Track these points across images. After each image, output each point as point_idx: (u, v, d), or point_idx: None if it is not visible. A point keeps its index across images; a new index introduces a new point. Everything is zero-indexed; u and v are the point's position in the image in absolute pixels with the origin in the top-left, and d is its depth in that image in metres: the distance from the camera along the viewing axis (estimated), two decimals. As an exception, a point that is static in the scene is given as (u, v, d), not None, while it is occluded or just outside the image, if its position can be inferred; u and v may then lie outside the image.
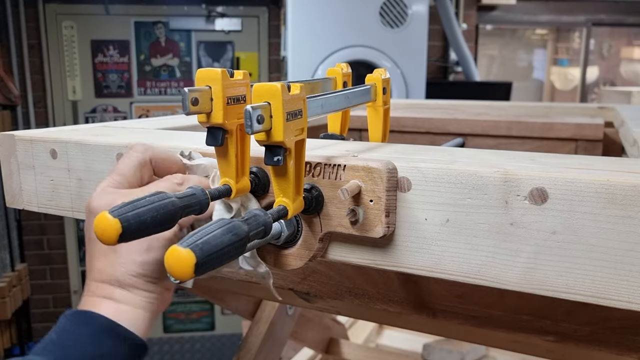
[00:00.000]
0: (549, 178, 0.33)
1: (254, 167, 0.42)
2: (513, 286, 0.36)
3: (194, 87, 0.37)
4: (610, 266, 0.33)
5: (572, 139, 0.85)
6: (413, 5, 2.16)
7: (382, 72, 0.53)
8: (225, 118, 0.38)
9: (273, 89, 0.34)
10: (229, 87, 0.38)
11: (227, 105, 0.38)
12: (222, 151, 0.40)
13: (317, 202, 0.40)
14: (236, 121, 0.39)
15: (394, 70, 2.17)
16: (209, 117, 0.38)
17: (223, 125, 0.38)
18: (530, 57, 4.40)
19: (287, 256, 0.42)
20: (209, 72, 0.38)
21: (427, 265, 0.38)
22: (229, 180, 0.40)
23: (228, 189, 0.40)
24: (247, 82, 0.40)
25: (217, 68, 0.38)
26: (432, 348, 1.40)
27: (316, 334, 1.36)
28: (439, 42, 3.00)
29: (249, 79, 0.40)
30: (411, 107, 1.20)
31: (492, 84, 2.89)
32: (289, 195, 0.37)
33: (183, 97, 0.36)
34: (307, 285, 0.58)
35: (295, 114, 0.36)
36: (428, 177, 0.37)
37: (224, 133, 0.39)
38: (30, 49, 2.90)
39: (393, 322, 0.69)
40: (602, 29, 4.05)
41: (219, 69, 0.38)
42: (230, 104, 0.38)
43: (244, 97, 0.39)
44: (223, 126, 0.38)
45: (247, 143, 0.41)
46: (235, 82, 0.39)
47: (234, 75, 0.39)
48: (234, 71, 0.39)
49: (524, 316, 0.49)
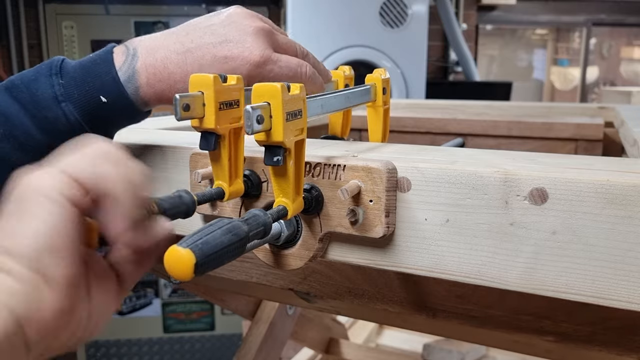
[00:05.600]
0: (549, 178, 0.33)
1: (247, 170, 0.43)
2: (513, 286, 0.36)
3: (186, 93, 0.37)
4: (610, 266, 0.33)
5: (572, 139, 0.85)
6: (413, 5, 2.16)
7: (382, 72, 0.53)
8: (218, 123, 0.38)
9: (273, 89, 0.34)
10: (222, 92, 0.38)
11: (219, 110, 0.38)
12: (215, 155, 0.40)
13: (316, 202, 0.40)
14: (229, 126, 0.39)
15: (394, 70, 2.17)
16: (201, 122, 0.38)
17: (215, 130, 0.39)
18: (530, 57, 4.40)
19: (287, 256, 0.42)
20: (201, 77, 0.38)
21: (427, 265, 0.38)
22: (222, 183, 0.40)
23: (221, 191, 0.40)
24: (241, 86, 0.40)
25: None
26: (432, 348, 1.40)
27: (316, 334, 1.36)
28: (439, 42, 3.00)
29: (242, 84, 0.40)
30: (411, 107, 1.20)
31: (492, 84, 2.89)
32: (288, 196, 0.37)
33: (175, 103, 0.36)
34: (307, 285, 0.58)
35: (295, 114, 0.36)
36: (428, 177, 0.37)
37: (217, 138, 0.39)
38: (30, 49, 2.90)
39: (393, 322, 0.69)
40: (602, 29, 4.05)
41: (212, 74, 0.38)
42: (222, 108, 0.38)
43: (237, 101, 0.40)
44: (215, 131, 0.39)
45: (240, 147, 0.41)
46: (229, 87, 0.39)
47: (227, 79, 0.39)
48: (227, 76, 0.39)
49: (524, 316, 0.49)
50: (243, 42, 0.44)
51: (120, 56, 0.44)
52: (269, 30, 0.46)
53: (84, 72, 0.44)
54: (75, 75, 0.44)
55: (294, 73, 0.47)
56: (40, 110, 0.43)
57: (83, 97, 0.43)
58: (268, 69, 0.45)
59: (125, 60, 0.44)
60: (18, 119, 0.42)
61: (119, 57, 0.44)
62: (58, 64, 0.44)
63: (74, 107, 0.43)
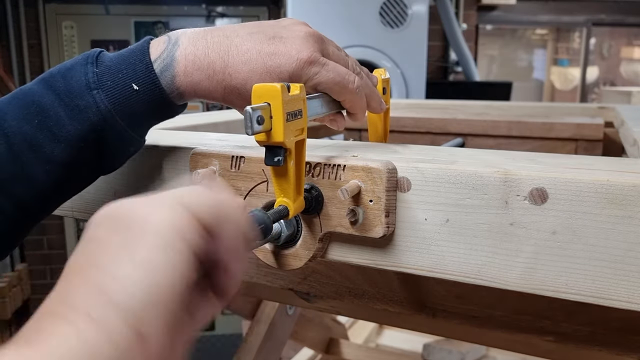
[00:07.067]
0: (549, 178, 0.33)
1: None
2: (513, 286, 0.36)
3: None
4: (610, 266, 0.33)
5: (572, 139, 0.85)
6: (413, 5, 2.16)
7: (381, 72, 0.53)
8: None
9: (273, 89, 0.34)
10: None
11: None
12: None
13: (317, 202, 0.40)
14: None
15: (394, 70, 2.17)
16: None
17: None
18: (530, 57, 4.40)
19: (287, 256, 0.42)
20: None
21: (427, 265, 0.38)
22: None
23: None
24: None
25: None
26: (432, 348, 1.40)
27: (316, 334, 1.36)
28: (439, 42, 3.00)
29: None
30: (411, 107, 1.21)
31: (492, 84, 2.89)
32: (289, 196, 0.37)
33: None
34: (307, 285, 0.58)
35: (295, 114, 0.36)
36: (428, 177, 0.37)
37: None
38: (30, 49, 2.90)
39: (393, 322, 0.69)
40: (602, 29, 4.05)
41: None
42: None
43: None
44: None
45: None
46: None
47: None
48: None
49: (524, 316, 0.49)
50: (292, 41, 0.43)
51: (161, 45, 0.43)
52: (320, 37, 0.45)
53: (120, 60, 0.43)
54: (110, 65, 0.43)
55: (341, 79, 0.44)
56: (73, 99, 0.42)
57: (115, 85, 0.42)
58: (314, 70, 0.43)
59: (166, 48, 0.43)
60: (53, 108, 0.42)
61: (160, 46, 0.43)
62: (96, 53, 0.44)
63: (105, 95, 0.42)
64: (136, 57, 0.43)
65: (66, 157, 0.42)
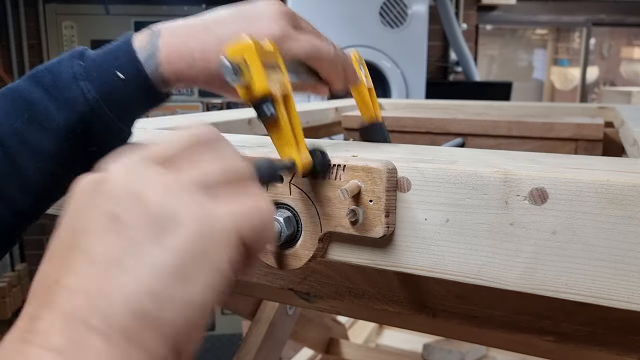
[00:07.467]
0: (549, 178, 0.33)
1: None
2: (513, 286, 0.36)
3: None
4: (610, 266, 0.33)
5: (572, 139, 0.85)
6: (413, 5, 2.16)
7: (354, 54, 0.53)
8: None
9: (244, 43, 0.34)
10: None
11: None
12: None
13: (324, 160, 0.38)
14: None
15: (394, 70, 2.17)
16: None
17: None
18: (530, 57, 4.40)
19: (287, 256, 0.42)
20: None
21: (427, 266, 0.38)
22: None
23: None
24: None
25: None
26: (432, 348, 1.40)
27: (316, 334, 1.36)
28: (439, 42, 3.00)
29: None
30: (411, 107, 1.21)
31: (492, 84, 2.89)
32: (292, 148, 0.37)
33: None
34: (307, 285, 0.58)
35: (273, 66, 0.36)
36: (428, 177, 0.37)
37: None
38: (30, 49, 2.90)
39: (393, 322, 0.69)
40: (602, 29, 4.05)
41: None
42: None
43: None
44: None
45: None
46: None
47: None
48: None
49: (524, 316, 0.49)
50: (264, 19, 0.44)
51: (145, 37, 0.45)
52: (293, 14, 0.46)
53: (105, 54, 0.45)
54: (96, 58, 0.45)
55: (316, 48, 0.45)
56: (61, 92, 0.43)
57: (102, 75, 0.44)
58: (287, 45, 0.44)
59: (150, 40, 0.45)
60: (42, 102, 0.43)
61: (143, 38, 0.45)
62: (81, 50, 0.46)
63: (92, 85, 0.43)
64: (120, 49, 0.45)
65: (56, 149, 0.43)
